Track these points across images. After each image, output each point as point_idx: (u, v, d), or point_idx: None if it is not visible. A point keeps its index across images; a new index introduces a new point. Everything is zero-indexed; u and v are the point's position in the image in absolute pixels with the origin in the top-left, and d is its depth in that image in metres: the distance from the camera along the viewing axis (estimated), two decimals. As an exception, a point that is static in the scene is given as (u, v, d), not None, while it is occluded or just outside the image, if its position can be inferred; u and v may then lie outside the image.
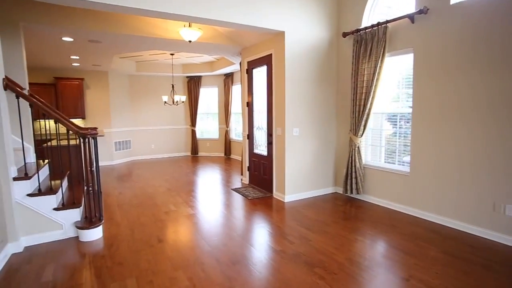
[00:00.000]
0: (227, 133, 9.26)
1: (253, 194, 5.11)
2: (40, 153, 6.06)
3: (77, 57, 6.22)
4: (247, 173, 5.90)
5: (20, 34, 4.02)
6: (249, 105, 5.69)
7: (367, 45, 4.33)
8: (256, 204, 4.64)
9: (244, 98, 5.88)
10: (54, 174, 4.23)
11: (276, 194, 5.00)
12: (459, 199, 3.53)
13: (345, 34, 4.71)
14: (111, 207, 4.52)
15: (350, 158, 4.68)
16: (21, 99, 3.20)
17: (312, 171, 4.99)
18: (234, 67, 7.96)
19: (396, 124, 4.38)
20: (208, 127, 9.98)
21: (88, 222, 3.44)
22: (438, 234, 3.40)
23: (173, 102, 7.70)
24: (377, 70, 4.17)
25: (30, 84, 7.14)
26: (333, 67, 5.00)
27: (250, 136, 5.76)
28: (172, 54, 7.31)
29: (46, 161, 4.18)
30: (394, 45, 4.12)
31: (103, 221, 3.54)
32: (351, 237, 3.34)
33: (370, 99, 4.30)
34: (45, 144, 4.34)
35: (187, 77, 9.50)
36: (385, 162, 4.55)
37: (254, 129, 5.64)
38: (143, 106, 9.16)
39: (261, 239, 3.35)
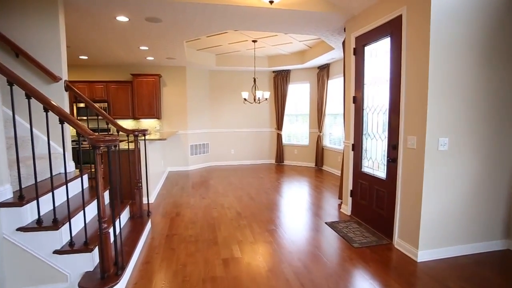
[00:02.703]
0: (319, 138, 7.49)
1: (361, 238, 3.28)
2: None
3: (146, 48, 5.37)
4: (349, 199, 4.07)
5: (57, 8, 3.12)
6: (357, 102, 3.87)
7: None
8: (366, 259, 2.83)
9: (349, 92, 4.08)
10: (92, 191, 3.22)
11: (399, 243, 3.07)
12: None
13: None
14: (157, 239, 3.30)
15: (554, 196, 2.48)
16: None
17: (469, 211, 2.91)
18: (331, 55, 6.18)
19: None
20: (296, 131, 8.35)
21: (99, 278, 2.20)
22: None
23: (255, 99, 6.32)
24: None
25: (108, 82, 6.74)
26: (516, 32, 2.84)
27: (356, 147, 3.93)
28: (254, 41, 5.97)
29: (86, 173, 3.18)
30: None
31: (121, 277, 2.26)
32: None
33: None
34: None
35: (274, 71, 8.09)
36: None
37: (364, 136, 3.78)
38: (223, 106, 8.09)
39: None
